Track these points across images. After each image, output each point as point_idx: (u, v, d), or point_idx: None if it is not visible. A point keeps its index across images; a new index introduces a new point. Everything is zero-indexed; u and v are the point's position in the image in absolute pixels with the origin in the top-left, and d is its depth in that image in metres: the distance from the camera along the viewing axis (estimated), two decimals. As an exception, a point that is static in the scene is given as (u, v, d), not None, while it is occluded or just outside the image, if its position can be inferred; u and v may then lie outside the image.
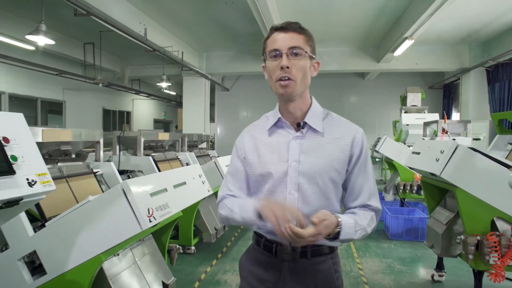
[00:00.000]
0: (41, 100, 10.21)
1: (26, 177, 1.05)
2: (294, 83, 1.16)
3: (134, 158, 4.10)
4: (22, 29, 7.33)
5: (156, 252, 2.83)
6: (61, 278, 2.03)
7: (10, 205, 1.02)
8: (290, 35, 1.17)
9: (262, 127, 1.30)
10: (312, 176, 1.18)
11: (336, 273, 1.28)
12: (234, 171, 1.33)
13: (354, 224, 1.14)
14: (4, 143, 1.00)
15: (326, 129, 1.23)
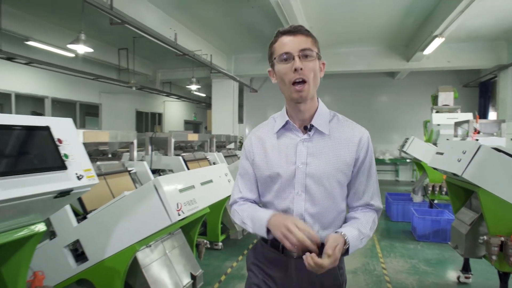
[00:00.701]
0: (80, 103, 10.85)
1: (75, 172, 1.24)
2: (307, 85, 1.18)
3: (165, 158, 4.33)
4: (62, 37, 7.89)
5: (185, 245, 3.01)
6: (101, 264, 2.26)
7: (62, 195, 1.21)
8: (299, 38, 1.18)
9: (269, 129, 1.32)
10: (319, 178, 1.21)
11: (340, 270, 1.30)
12: (244, 173, 1.37)
13: (358, 234, 1.19)
14: (58, 144, 1.20)
15: (332, 131, 1.25)
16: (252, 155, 1.33)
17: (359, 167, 1.26)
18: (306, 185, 1.22)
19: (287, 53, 1.17)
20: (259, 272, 1.33)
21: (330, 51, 9.56)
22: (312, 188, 1.22)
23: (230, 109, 10.32)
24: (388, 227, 5.51)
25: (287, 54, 1.17)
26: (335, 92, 12.53)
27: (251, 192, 1.36)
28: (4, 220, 1.28)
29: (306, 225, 1.15)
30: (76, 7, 5.56)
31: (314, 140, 1.24)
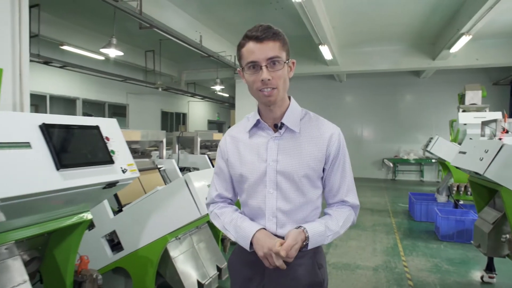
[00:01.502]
0: (108, 104, 11.30)
1: (121, 166, 1.40)
2: (276, 91, 1.17)
3: (191, 156, 4.52)
4: (93, 41, 8.28)
5: (211, 239, 3.17)
6: (135, 254, 2.44)
7: (110, 186, 1.37)
8: (266, 45, 1.15)
9: (243, 129, 1.33)
10: (290, 174, 1.21)
11: (320, 268, 1.30)
12: (219, 172, 1.38)
13: (324, 230, 1.20)
14: (106, 141, 1.36)
15: (303, 128, 1.26)
16: (226, 154, 1.34)
17: (332, 164, 1.26)
18: (277, 182, 1.22)
19: (254, 62, 1.15)
20: (240, 278, 1.34)
21: (354, 51, 9.54)
22: (283, 185, 1.22)
23: (253, 109, 10.41)
24: (410, 227, 5.48)
25: (253, 63, 1.15)
26: (359, 92, 12.45)
27: (226, 190, 1.37)
28: (57, 209, 1.46)
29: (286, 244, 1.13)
30: (106, 13, 5.87)
31: (285, 138, 1.25)
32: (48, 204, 1.29)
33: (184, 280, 2.61)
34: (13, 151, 1.06)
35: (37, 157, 1.12)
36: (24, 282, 1.47)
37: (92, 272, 1.80)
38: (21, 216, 1.31)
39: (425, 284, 3.32)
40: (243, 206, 1.35)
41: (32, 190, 1.08)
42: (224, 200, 1.40)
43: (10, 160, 1.05)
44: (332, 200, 1.31)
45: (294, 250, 1.12)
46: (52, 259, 1.71)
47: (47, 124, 1.17)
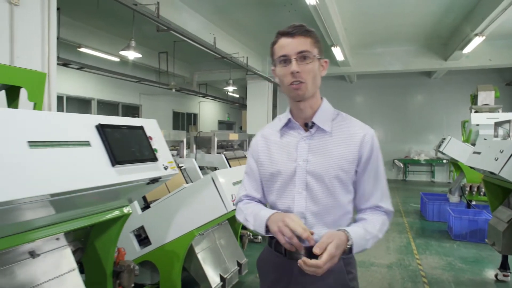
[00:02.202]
0: (122, 104, 11.52)
1: (163, 163, 1.52)
2: (305, 85, 1.17)
3: (208, 156, 4.65)
4: (109, 43, 8.50)
5: (231, 236, 3.29)
6: (162, 248, 2.57)
7: (153, 181, 1.49)
8: (297, 40, 1.17)
9: (274, 128, 1.32)
10: (320, 175, 1.19)
11: (350, 274, 1.24)
12: (249, 171, 1.38)
13: (364, 233, 1.15)
14: (150, 140, 1.48)
15: (335, 129, 1.24)
16: (257, 154, 1.34)
17: (364, 166, 1.22)
18: (307, 183, 1.20)
19: (284, 56, 1.17)
20: (268, 280, 1.32)
21: (365, 52, 9.58)
22: (313, 185, 1.20)
23: (264, 110, 10.58)
24: (423, 226, 5.54)
25: (284, 57, 1.17)
26: (369, 93, 12.48)
27: (256, 190, 1.36)
28: (103, 203, 1.59)
29: (300, 220, 1.11)
30: (122, 15, 6.03)
31: (316, 138, 1.23)
32: (98, 198, 1.42)
33: (208, 274, 2.73)
34: (76, 149, 1.19)
35: (96, 155, 1.25)
36: (73, 270, 1.60)
37: (129, 263, 1.93)
38: (72, 209, 1.44)
39: (439, 282, 3.39)
40: (271, 207, 1.31)
41: (93, 184, 1.21)
42: (251, 199, 1.38)
43: (73, 157, 1.17)
44: (364, 205, 1.25)
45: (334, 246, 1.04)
46: (94, 250, 1.84)
47: (102, 125, 1.30)
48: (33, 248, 1.47)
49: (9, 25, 3.10)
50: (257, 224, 1.22)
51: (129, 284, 1.92)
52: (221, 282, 2.81)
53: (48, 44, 3.49)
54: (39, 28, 3.39)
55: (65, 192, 1.11)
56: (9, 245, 1.30)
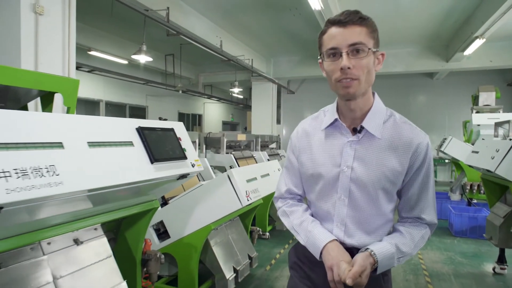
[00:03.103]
0: (129, 105, 11.75)
1: (191, 161, 1.71)
2: (357, 82, 1.05)
3: (218, 156, 4.84)
4: (118, 46, 8.72)
5: (242, 231, 3.48)
6: (180, 241, 2.76)
7: (183, 177, 1.69)
8: (350, 30, 1.03)
9: (318, 124, 1.23)
10: (364, 184, 1.11)
11: (385, 277, 1.20)
12: (289, 165, 1.31)
13: (395, 252, 1.09)
14: (180, 141, 1.68)
15: (385, 134, 1.12)
16: (298, 150, 1.26)
17: (413, 176, 1.14)
18: (350, 190, 1.13)
19: (334, 49, 1.04)
20: (300, 273, 1.29)
21: (367, 53, 9.76)
22: (355, 194, 1.13)
23: (269, 110, 10.78)
24: (425, 224, 5.71)
25: (334, 50, 1.04)
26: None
27: (296, 187, 1.30)
28: (136, 197, 1.78)
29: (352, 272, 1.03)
30: (132, 19, 6.24)
31: (363, 143, 1.13)
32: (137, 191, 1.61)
33: (223, 265, 2.92)
34: (122, 148, 1.38)
35: (138, 153, 1.44)
36: (109, 256, 1.79)
37: (155, 252, 2.12)
38: (110, 202, 1.64)
39: (440, 274, 3.57)
40: (311, 205, 1.28)
41: (137, 179, 1.39)
42: (293, 197, 1.33)
43: (121, 155, 1.37)
44: (407, 214, 1.19)
45: (365, 276, 1.02)
46: (124, 241, 2.04)
47: (142, 127, 1.49)
48: (77, 236, 1.66)
49: (34, 33, 3.31)
50: (309, 244, 1.17)
51: (155, 271, 2.12)
52: (234, 273, 3.00)
53: (68, 50, 3.70)
54: (60, 36, 3.60)
55: (116, 185, 1.30)
56: (61, 233, 1.49)
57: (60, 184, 1.07)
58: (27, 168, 0.99)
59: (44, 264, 1.45)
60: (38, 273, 1.42)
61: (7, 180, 0.93)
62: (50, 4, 3.40)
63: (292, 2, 6.25)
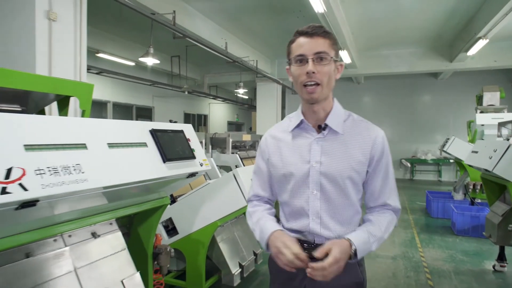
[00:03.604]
0: (136, 106, 11.92)
1: (199, 161, 1.83)
2: (320, 88, 1.17)
3: (223, 156, 4.97)
4: (123, 48, 8.89)
5: (247, 228, 3.60)
6: (188, 237, 2.89)
7: (192, 175, 1.81)
8: (316, 40, 1.16)
9: (284, 129, 1.33)
10: (333, 176, 1.21)
11: (361, 267, 1.29)
12: (257, 170, 1.41)
13: (368, 237, 1.18)
14: (189, 141, 1.80)
15: (347, 130, 1.25)
16: (267, 154, 1.35)
17: (375, 167, 1.25)
18: (321, 184, 1.22)
19: (301, 55, 1.17)
20: (281, 277, 1.33)
21: (372, 54, 9.84)
22: (326, 186, 1.22)
23: (273, 111, 10.89)
24: (428, 223, 5.79)
25: (301, 56, 1.17)
26: (377, 93, 12.70)
27: (263, 190, 1.39)
28: (148, 193, 1.91)
29: (295, 245, 1.13)
30: (139, 23, 6.39)
31: (328, 139, 1.24)
32: (149, 188, 1.74)
33: (229, 261, 3.05)
34: (137, 149, 1.50)
35: (151, 153, 1.56)
36: (124, 249, 1.92)
37: (165, 246, 2.25)
38: (125, 198, 1.76)
39: (440, 271, 3.66)
40: (284, 205, 1.34)
41: (151, 176, 1.52)
42: (260, 199, 1.42)
43: (136, 155, 1.49)
44: (374, 203, 1.29)
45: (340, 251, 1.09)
46: (137, 235, 2.16)
47: (154, 129, 1.62)
48: (94, 230, 1.79)
49: (48, 39, 3.46)
50: (260, 239, 1.26)
51: (165, 265, 2.24)
52: (239, 268, 3.13)
53: (80, 54, 3.85)
54: (72, 41, 3.74)
55: (133, 182, 1.43)
56: (80, 226, 1.62)
57: (85, 181, 1.20)
58: (57, 166, 1.12)
59: (66, 255, 1.58)
60: (61, 262, 1.55)
61: (42, 177, 1.06)
62: (63, 11, 3.55)
63: (296, 4, 6.36)
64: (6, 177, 0.97)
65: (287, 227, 1.30)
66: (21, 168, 1.02)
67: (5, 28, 3.46)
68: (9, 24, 3.44)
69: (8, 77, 1.87)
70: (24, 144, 1.06)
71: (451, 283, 3.38)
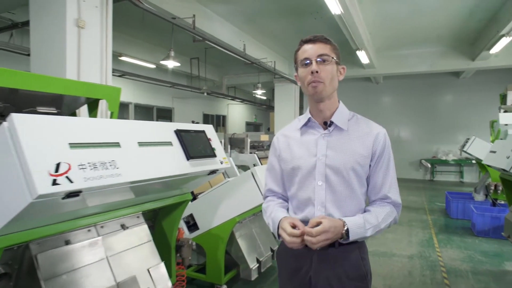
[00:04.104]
0: (156, 107, 12.24)
1: (219, 159, 1.96)
2: (323, 84, 1.31)
3: (241, 155, 5.11)
4: (144, 51, 9.16)
5: (265, 226, 3.70)
6: (208, 232, 3.03)
7: (212, 172, 1.94)
8: (318, 45, 1.32)
9: (294, 127, 1.47)
10: (338, 168, 1.32)
11: (364, 261, 1.37)
12: (270, 167, 1.53)
13: (363, 222, 1.26)
14: (210, 141, 1.94)
15: (351, 128, 1.37)
16: (278, 151, 1.48)
17: (377, 161, 1.35)
18: (326, 175, 1.32)
19: (306, 59, 1.32)
20: (287, 269, 1.43)
21: (390, 54, 9.76)
22: (331, 178, 1.32)
23: (291, 111, 10.96)
24: (447, 223, 5.74)
25: (306, 59, 1.32)
26: (396, 93, 12.56)
27: (277, 186, 1.50)
28: (172, 189, 2.05)
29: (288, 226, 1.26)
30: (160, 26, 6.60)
31: (334, 135, 1.36)
32: (174, 184, 1.88)
33: (247, 256, 3.17)
34: (164, 147, 1.65)
35: (176, 151, 1.71)
36: (149, 241, 2.07)
37: (188, 239, 2.39)
38: (151, 193, 1.91)
39: (457, 271, 3.66)
40: (292, 199, 1.44)
41: (176, 172, 1.66)
42: (274, 195, 1.53)
43: (162, 153, 1.63)
44: (375, 196, 1.38)
45: (331, 226, 1.20)
46: (161, 229, 2.31)
47: (179, 130, 1.76)
48: (123, 222, 1.95)
49: (77, 45, 3.67)
50: (273, 229, 1.39)
51: (187, 257, 2.39)
52: (257, 264, 3.24)
53: (106, 59, 4.06)
54: (99, 46, 3.95)
55: (160, 177, 1.57)
56: (111, 218, 1.78)
57: (119, 175, 1.34)
58: (96, 162, 1.27)
59: (99, 243, 1.74)
60: (95, 250, 1.71)
61: (84, 171, 1.21)
62: (90, 18, 3.76)
63: (313, 6, 6.43)
64: (56, 170, 1.13)
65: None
66: (67, 163, 1.17)
67: (39, 35, 3.71)
68: (43, 32, 3.68)
69: (48, 83, 2.06)
70: (69, 143, 1.22)
71: (468, 283, 3.38)
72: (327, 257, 1.33)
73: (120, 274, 1.78)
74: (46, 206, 1.22)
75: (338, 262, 1.33)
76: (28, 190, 1.08)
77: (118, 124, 1.50)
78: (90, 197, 1.41)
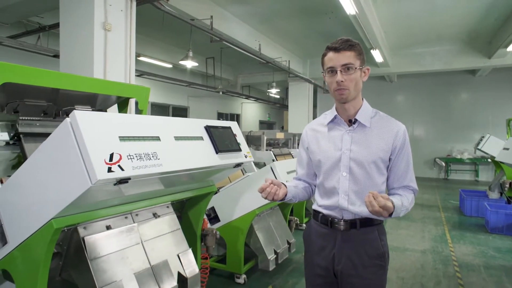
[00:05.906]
0: (172, 106, 12.49)
1: (244, 153, 2.12)
2: (348, 91, 1.43)
3: (258, 152, 5.26)
4: (161, 51, 9.39)
5: (282, 219, 3.87)
6: (229, 224, 3.20)
7: (238, 165, 2.10)
8: (342, 54, 1.41)
9: (321, 123, 1.61)
10: (361, 161, 1.46)
11: (382, 241, 1.51)
12: (300, 159, 1.73)
13: (401, 205, 1.38)
14: (235, 137, 2.10)
15: (373, 124, 1.50)
16: (306, 143, 1.63)
17: (398, 155, 1.49)
18: (350, 167, 1.47)
19: (331, 67, 1.43)
20: (314, 247, 1.59)
21: (405, 52, 9.76)
22: (355, 170, 1.47)
23: (305, 110, 11.07)
24: (460, 220, 5.79)
25: (331, 68, 1.43)
26: (410, 92, 12.52)
27: (302, 171, 1.72)
28: (200, 181, 2.22)
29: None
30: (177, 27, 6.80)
31: (358, 131, 1.50)
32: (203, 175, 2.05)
33: (265, 247, 3.32)
34: (196, 142, 1.82)
35: (206, 145, 1.88)
36: (178, 229, 2.25)
37: (212, 229, 2.56)
38: (182, 184, 2.08)
39: (469, 265, 3.75)
40: (319, 186, 1.61)
41: (207, 164, 1.83)
42: (299, 178, 1.75)
43: (194, 147, 1.80)
44: (398, 184, 1.52)
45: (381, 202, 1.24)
46: (187, 218, 2.49)
47: (208, 126, 1.93)
48: (155, 211, 2.13)
49: (104, 47, 3.88)
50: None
51: (211, 245, 2.56)
52: (275, 255, 3.40)
53: (129, 60, 4.26)
54: (123, 48, 4.16)
55: (194, 168, 1.74)
56: (147, 205, 1.96)
57: (161, 165, 1.52)
58: (141, 153, 1.45)
59: (135, 229, 1.92)
60: (132, 235, 1.89)
61: (132, 161, 1.39)
62: (116, 21, 3.97)
63: (328, 6, 6.52)
64: (110, 160, 1.30)
65: (321, 204, 1.58)
66: (118, 154, 1.35)
67: (69, 38, 3.94)
68: (72, 35, 3.91)
69: (86, 83, 2.25)
70: (119, 136, 1.40)
71: (479, 276, 3.47)
72: (350, 237, 1.49)
73: (153, 258, 1.96)
74: (98, 192, 1.40)
75: (359, 242, 1.48)
76: (89, 176, 1.26)
77: (157, 120, 1.67)
78: (131, 186, 1.59)
